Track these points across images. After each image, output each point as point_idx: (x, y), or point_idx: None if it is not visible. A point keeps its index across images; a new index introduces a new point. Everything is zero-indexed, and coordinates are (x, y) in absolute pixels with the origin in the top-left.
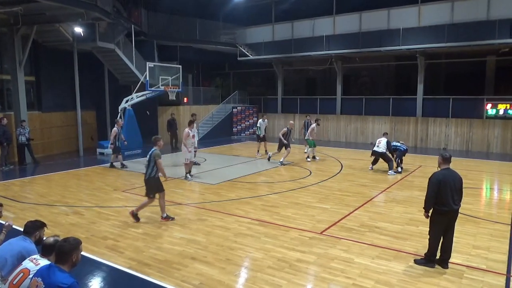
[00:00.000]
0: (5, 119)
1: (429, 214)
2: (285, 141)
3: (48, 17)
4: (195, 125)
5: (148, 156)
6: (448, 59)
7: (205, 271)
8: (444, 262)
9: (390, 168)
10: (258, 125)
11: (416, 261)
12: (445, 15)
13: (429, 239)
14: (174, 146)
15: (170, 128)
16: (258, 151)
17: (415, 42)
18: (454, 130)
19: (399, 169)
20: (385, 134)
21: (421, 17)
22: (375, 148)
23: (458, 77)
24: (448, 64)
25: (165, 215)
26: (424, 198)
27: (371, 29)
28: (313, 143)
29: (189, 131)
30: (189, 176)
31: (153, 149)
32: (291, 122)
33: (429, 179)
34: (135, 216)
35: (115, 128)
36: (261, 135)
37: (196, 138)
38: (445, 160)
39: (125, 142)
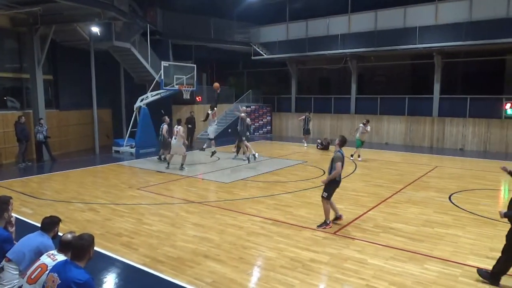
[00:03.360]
0: (23, 117)
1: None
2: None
3: (66, 17)
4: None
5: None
6: (466, 57)
7: (217, 269)
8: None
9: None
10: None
11: (480, 273)
12: (464, 13)
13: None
14: (189, 144)
15: (189, 126)
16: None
17: (432, 40)
18: (472, 130)
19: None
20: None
21: (438, 15)
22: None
23: (476, 76)
24: (466, 62)
25: (328, 221)
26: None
27: (387, 28)
28: (360, 143)
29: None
30: (185, 168)
31: (338, 150)
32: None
33: None
34: (325, 224)
35: (166, 126)
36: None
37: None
38: None
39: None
